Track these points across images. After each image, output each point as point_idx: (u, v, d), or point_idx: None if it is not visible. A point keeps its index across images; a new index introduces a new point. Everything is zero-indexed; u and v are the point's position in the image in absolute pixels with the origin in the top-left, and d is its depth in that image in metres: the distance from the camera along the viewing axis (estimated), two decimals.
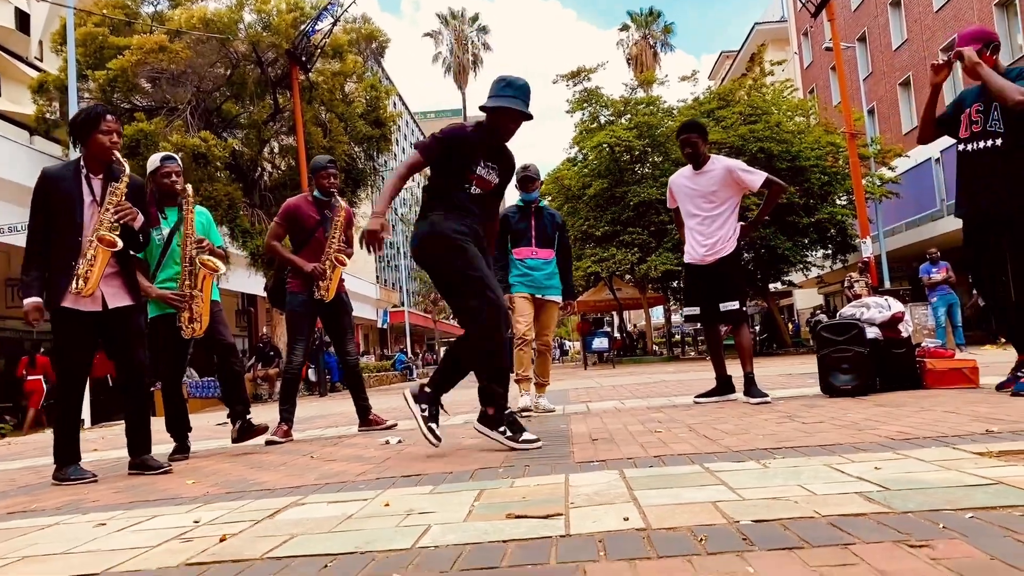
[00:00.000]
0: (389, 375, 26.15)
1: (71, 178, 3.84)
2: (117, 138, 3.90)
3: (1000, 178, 4.21)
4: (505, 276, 5.59)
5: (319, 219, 5.32)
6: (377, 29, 20.50)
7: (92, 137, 3.84)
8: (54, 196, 3.80)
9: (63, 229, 3.79)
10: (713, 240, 5.14)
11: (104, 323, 3.88)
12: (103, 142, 3.85)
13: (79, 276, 3.75)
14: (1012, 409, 3.60)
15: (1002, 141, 4.22)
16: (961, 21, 22.17)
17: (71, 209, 3.80)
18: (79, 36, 15.77)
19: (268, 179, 19.72)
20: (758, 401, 4.95)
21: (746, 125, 20.69)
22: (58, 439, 3.90)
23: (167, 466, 3.97)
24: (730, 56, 43.95)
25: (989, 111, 4.29)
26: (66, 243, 3.78)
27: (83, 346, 3.89)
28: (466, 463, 3.20)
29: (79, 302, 3.79)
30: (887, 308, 5.26)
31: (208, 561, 1.84)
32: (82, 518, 2.67)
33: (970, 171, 4.39)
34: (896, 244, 23.84)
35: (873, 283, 15.30)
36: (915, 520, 1.67)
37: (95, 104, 4.15)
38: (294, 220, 5.31)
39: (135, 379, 3.97)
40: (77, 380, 3.89)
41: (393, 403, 9.45)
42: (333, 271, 5.25)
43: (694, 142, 5.17)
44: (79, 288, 3.74)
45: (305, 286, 5.25)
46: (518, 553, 1.68)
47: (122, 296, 3.96)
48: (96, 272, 3.78)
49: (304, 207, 5.34)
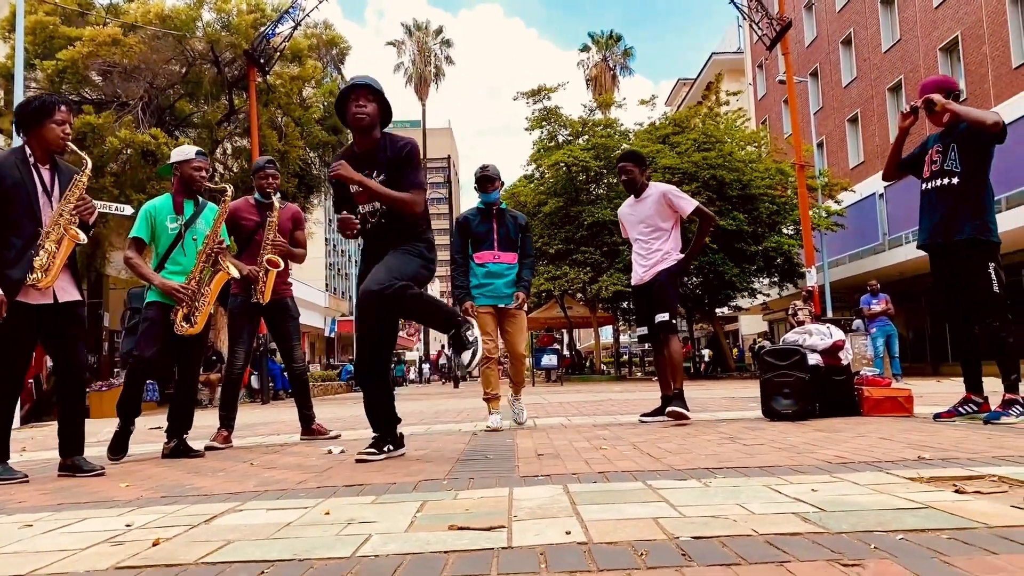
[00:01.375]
0: (334, 385, 25.79)
1: (20, 167, 3.71)
2: (70, 129, 3.82)
3: (955, 214, 4.48)
4: (466, 283, 5.39)
5: (258, 221, 5.25)
6: (338, 35, 20.42)
7: (44, 126, 3.73)
8: (6, 184, 3.66)
9: (18, 219, 3.66)
10: (651, 261, 5.34)
11: (49, 317, 3.77)
12: (56, 132, 3.75)
13: (39, 268, 3.62)
14: (942, 437, 3.72)
15: (958, 180, 4.49)
16: (907, 62, 23.03)
17: (26, 199, 3.69)
18: (29, 24, 15.31)
19: (219, 180, 19.37)
20: (671, 409, 5.06)
21: (700, 152, 21.11)
22: None
23: (100, 468, 3.85)
24: (687, 83, 44.82)
25: (947, 152, 4.56)
26: (22, 234, 3.66)
27: (28, 341, 3.77)
28: (409, 474, 3.18)
29: (29, 295, 3.66)
30: (828, 336, 5.40)
31: (140, 565, 1.79)
32: (7, 519, 2.57)
33: (929, 207, 4.65)
34: (839, 275, 24.50)
35: (816, 312, 15.67)
36: (848, 540, 1.71)
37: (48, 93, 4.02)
38: (232, 223, 5.17)
39: (74, 376, 3.87)
40: (17, 376, 3.77)
41: (337, 413, 9.34)
42: (267, 274, 5.15)
43: (630, 171, 5.42)
44: (37, 280, 3.61)
45: (244, 289, 5.16)
46: (459, 564, 1.67)
47: (71, 291, 3.87)
48: (58, 265, 3.68)
49: (243, 209, 5.28)
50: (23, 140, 3.83)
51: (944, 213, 4.52)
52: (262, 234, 5.21)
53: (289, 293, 5.40)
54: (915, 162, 4.83)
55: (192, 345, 4.56)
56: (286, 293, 5.36)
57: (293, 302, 5.43)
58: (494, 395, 5.50)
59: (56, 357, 3.88)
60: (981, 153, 4.47)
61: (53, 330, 3.80)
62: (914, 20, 22.79)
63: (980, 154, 4.47)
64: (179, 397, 4.67)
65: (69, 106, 3.89)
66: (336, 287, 52.34)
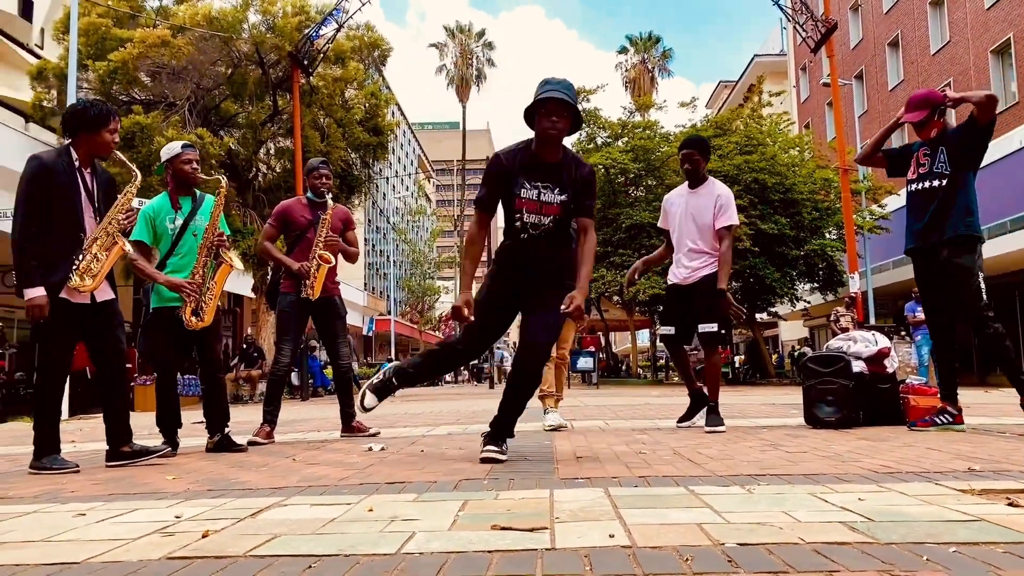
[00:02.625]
0: None
1: (67, 170, 3.81)
2: (118, 139, 3.98)
3: (944, 215, 4.54)
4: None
5: (310, 219, 5.33)
6: (380, 37, 20.57)
7: (99, 133, 3.85)
8: (55, 187, 3.76)
9: (64, 222, 3.77)
10: (697, 262, 5.11)
11: (89, 317, 3.88)
12: (109, 140, 3.89)
13: (83, 272, 3.74)
14: (993, 448, 3.63)
15: (947, 182, 4.56)
16: (957, 65, 22.52)
17: (73, 202, 3.80)
18: (82, 26, 15.73)
19: (262, 180, 19.70)
20: (710, 429, 4.91)
21: (742, 155, 20.88)
22: (39, 429, 3.86)
23: (168, 450, 4.06)
24: (728, 86, 44.36)
25: (936, 155, 4.64)
26: (67, 236, 3.77)
27: (70, 338, 3.88)
28: (450, 473, 3.19)
29: (70, 294, 3.78)
30: (874, 343, 5.30)
31: (191, 556, 1.83)
32: (61, 507, 2.64)
33: (917, 209, 4.73)
34: (883, 281, 24.02)
35: (859, 318, 15.41)
36: (899, 551, 1.68)
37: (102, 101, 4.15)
38: (285, 221, 5.34)
39: (117, 370, 3.99)
40: (62, 371, 3.88)
41: (376, 411, 9.41)
42: (318, 270, 5.23)
43: (696, 159, 5.18)
44: (81, 284, 3.73)
45: (295, 286, 5.24)
46: (503, 564, 1.67)
47: (107, 290, 3.99)
48: (105, 270, 3.81)
49: (296, 208, 5.38)
50: (69, 142, 3.92)
51: (933, 215, 4.57)
52: (313, 232, 5.29)
53: (337, 292, 5.48)
54: (899, 159, 4.93)
55: (207, 337, 4.63)
56: (334, 291, 5.43)
57: (341, 300, 5.52)
58: (549, 392, 5.53)
59: (97, 354, 3.99)
60: (972, 155, 4.57)
61: (93, 329, 3.92)
62: (964, 22, 22.27)
63: (970, 156, 4.57)
64: (209, 391, 4.75)
65: (119, 117, 4.06)
66: (375, 286, 52.82)
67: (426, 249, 54.28)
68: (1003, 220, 18.87)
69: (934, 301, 4.76)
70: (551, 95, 3.42)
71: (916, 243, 4.73)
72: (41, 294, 3.66)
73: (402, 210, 59.91)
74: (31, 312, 3.67)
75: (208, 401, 4.74)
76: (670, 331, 5.27)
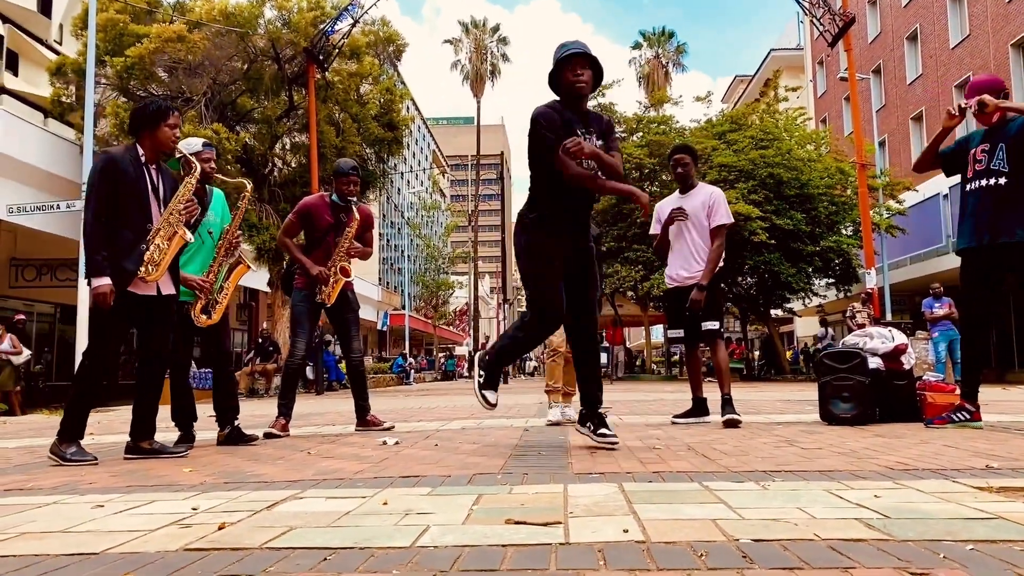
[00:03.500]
0: (386, 377, 26.13)
1: (135, 165, 3.92)
2: (180, 133, 4.08)
3: (1002, 214, 4.36)
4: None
5: (332, 222, 5.33)
6: (396, 32, 20.59)
7: (159, 128, 3.97)
8: (123, 181, 3.86)
9: (133, 215, 3.88)
10: (694, 263, 5.27)
11: (149, 308, 3.97)
12: (169, 135, 3.99)
13: (148, 262, 3.84)
14: (1011, 446, 3.60)
15: (1005, 180, 4.38)
16: (976, 58, 22.26)
17: (142, 196, 3.91)
18: (100, 21, 15.86)
19: (278, 175, 19.77)
20: (727, 418, 4.99)
21: (757, 150, 20.72)
22: (71, 412, 3.93)
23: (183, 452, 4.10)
24: (744, 80, 44.06)
25: (995, 151, 4.44)
26: (134, 228, 3.87)
27: (125, 328, 3.97)
28: (464, 467, 3.20)
29: (137, 286, 3.87)
30: (890, 339, 5.26)
31: (207, 548, 1.84)
32: (80, 499, 2.67)
33: (973, 208, 4.53)
34: (900, 277, 23.84)
35: (875, 315, 15.31)
36: (915, 549, 1.67)
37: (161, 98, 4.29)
38: (308, 219, 5.33)
39: (159, 366, 4.08)
40: (110, 361, 3.95)
41: (390, 405, 9.47)
42: (336, 280, 5.25)
43: (687, 163, 5.41)
44: (146, 273, 3.83)
45: (309, 285, 5.26)
46: (517, 558, 1.68)
47: (170, 285, 4.09)
48: (167, 260, 3.91)
49: (320, 207, 5.35)
50: (135, 140, 4.04)
51: (990, 214, 4.41)
52: (333, 236, 5.29)
53: (350, 286, 5.49)
54: (955, 159, 4.72)
55: (217, 331, 4.68)
56: (347, 286, 5.45)
57: (354, 294, 5.53)
58: (556, 388, 5.67)
59: (146, 346, 4.06)
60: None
61: (149, 321, 4.00)
62: (984, 15, 22.00)
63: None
64: (219, 384, 4.79)
65: (179, 112, 4.14)
66: (389, 281, 52.99)
67: (440, 244, 54.36)
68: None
69: (978, 301, 4.58)
70: (574, 51, 3.71)
71: (972, 243, 4.53)
72: (106, 283, 3.75)
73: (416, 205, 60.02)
74: (97, 299, 3.77)
75: (218, 394, 4.78)
76: (679, 333, 5.39)
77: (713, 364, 5.37)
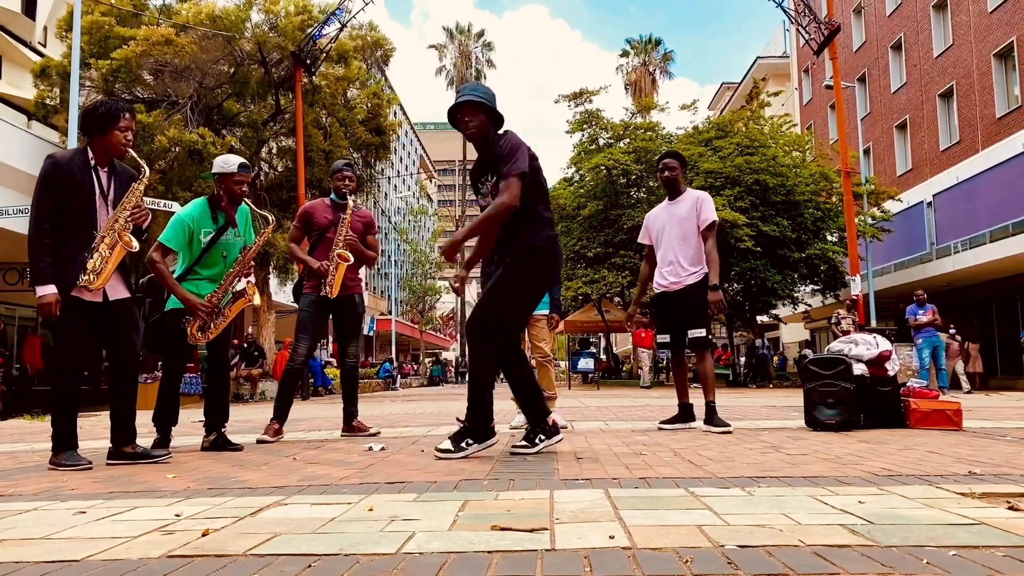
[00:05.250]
0: (372, 383, 26.04)
1: (82, 168, 3.84)
2: (132, 136, 3.95)
3: None
4: None
5: (332, 220, 5.38)
6: (383, 37, 20.57)
7: (110, 132, 3.86)
8: (69, 185, 3.78)
9: (77, 220, 3.80)
10: (682, 269, 5.27)
11: (101, 314, 3.90)
12: (120, 139, 3.88)
13: (91, 270, 3.76)
14: (994, 452, 3.63)
15: None
16: (960, 67, 22.50)
17: (86, 201, 3.82)
18: (85, 24, 15.75)
19: (264, 179, 19.69)
20: (720, 430, 4.98)
21: (743, 156, 20.84)
22: (58, 425, 3.88)
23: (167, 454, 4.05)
24: (731, 87, 44.33)
25: None
26: (79, 235, 3.79)
27: (84, 336, 3.89)
28: (450, 473, 3.19)
29: (83, 292, 3.80)
30: (875, 346, 5.30)
31: (191, 555, 1.83)
32: (61, 505, 2.64)
33: None
34: (884, 284, 24.02)
35: (860, 321, 15.42)
36: (899, 554, 1.68)
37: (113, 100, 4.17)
38: (308, 222, 5.41)
39: (128, 370, 4.00)
40: (79, 368, 3.90)
41: (375, 410, 9.43)
42: (336, 268, 5.27)
43: (674, 168, 5.37)
44: (89, 281, 3.75)
45: (317, 286, 5.30)
46: (503, 564, 1.67)
47: (120, 289, 4.00)
48: (110, 268, 3.82)
49: (319, 209, 5.43)
50: (86, 142, 3.95)
51: None
52: (334, 232, 5.32)
53: (358, 289, 5.53)
54: None
55: (220, 341, 4.65)
56: (355, 289, 5.50)
57: (361, 299, 5.60)
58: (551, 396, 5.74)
59: (108, 352, 4.01)
60: None
61: (104, 326, 3.93)
62: (967, 25, 22.24)
63: None
64: (212, 391, 4.77)
65: (132, 113, 4.03)
66: (376, 286, 52.80)
67: (427, 249, 54.27)
68: (1005, 224, 18.87)
69: None
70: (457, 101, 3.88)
71: None
72: (51, 292, 3.69)
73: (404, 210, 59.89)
74: (42, 310, 3.71)
75: (210, 400, 4.75)
76: (666, 339, 5.40)
77: (698, 372, 5.38)
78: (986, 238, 19.70)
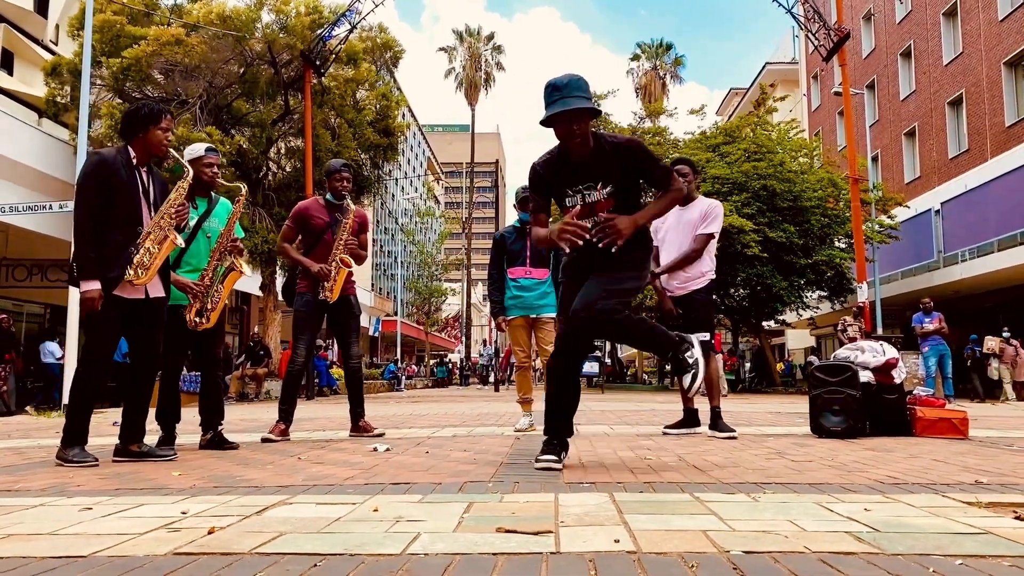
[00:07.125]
0: (376, 383, 26.07)
1: (126, 167, 3.90)
2: (172, 136, 4.06)
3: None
4: (502, 298, 5.74)
5: (328, 221, 5.35)
6: (393, 39, 20.61)
7: (151, 131, 3.95)
8: (114, 183, 3.84)
9: (123, 218, 3.86)
10: (687, 274, 5.29)
11: (138, 311, 3.95)
12: (161, 138, 3.97)
13: (138, 265, 3.81)
14: (1000, 462, 3.62)
15: None
16: (970, 76, 22.44)
17: (132, 199, 3.89)
18: (97, 23, 15.81)
19: (272, 179, 19.74)
20: (725, 436, 4.99)
21: (750, 162, 20.79)
22: (73, 420, 3.90)
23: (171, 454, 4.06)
24: (739, 93, 44.29)
25: None
26: (125, 231, 3.85)
27: (116, 333, 3.94)
28: (455, 475, 3.20)
29: (124, 289, 3.85)
30: (882, 353, 5.29)
31: (197, 552, 1.83)
32: (67, 501, 2.65)
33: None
34: (891, 292, 23.94)
35: (867, 328, 15.37)
36: (905, 563, 1.68)
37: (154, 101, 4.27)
38: (303, 222, 5.37)
39: (150, 368, 4.06)
40: (106, 364, 3.94)
41: (381, 411, 9.44)
42: (338, 272, 5.26)
43: (686, 173, 5.34)
44: (134, 276, 3.81)
45: (312, 287, 5.28)
46: (508, 566, 1.68)
47: (159, 287, 4.06)
48: (157, 264, 3.89)
49: (314, 209, 5.39)
50: (126, 143, 4.02)
51: None
52: (331, 234, 5.31)
53: (353, 291, 5.52)
54: None
55: (209, 337, 4.67)
56: (350, 291, 5.48)
57: (356, 300, 5.58)
58: (527, 399, 5.85)
59: (137, 349, 4.04)
60: None
61: (139, 324, 3.98)
62: (977, 33, 22.18)
63: None
64: (206, 389, 4.79)
65: (172, 115, 4.12)
66: (382, 287, 52.89)
67: (434, 251, 54.32)
68: (1014, 233, 18.80)
69: None
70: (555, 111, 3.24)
71: None
72: (96, 287, 3.74)
73: (410, 211, 59.98)
74: (84, 304, 3.76)
75: (204, 398, 4.78)
76: None
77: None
78: (994, 247, 19.63)
